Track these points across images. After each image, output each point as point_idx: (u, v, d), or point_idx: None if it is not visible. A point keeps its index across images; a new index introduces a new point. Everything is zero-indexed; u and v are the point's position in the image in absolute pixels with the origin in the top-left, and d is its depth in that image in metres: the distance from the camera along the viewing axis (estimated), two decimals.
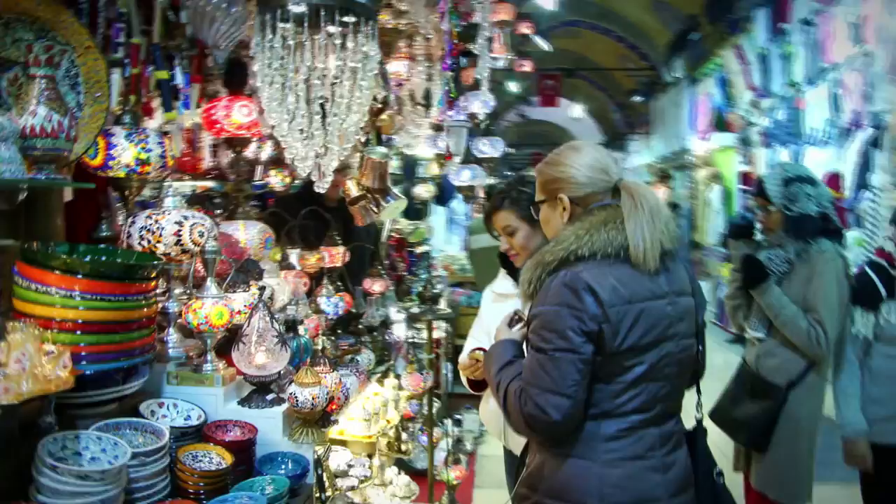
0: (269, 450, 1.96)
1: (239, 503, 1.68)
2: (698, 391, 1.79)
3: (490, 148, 2.91)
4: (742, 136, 9.42)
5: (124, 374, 1.79)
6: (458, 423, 4.00)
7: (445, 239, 8.48)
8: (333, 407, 2.17)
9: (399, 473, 3.04)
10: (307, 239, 2.84)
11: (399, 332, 3.18)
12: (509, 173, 10.77)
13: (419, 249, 4.63)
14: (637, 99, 13.02)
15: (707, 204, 10.42)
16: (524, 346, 1.70)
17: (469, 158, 2.99)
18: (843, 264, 2.53)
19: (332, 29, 1.87)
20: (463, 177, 2.86)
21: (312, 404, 1.96)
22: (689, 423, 1.76)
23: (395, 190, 2.66)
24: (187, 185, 2.82)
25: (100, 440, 1.61)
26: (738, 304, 2.68)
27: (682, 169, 11.65)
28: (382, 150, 2.46)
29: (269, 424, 1.98)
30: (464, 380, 2.29)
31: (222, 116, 2.59)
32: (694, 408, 1.79)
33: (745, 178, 9.64)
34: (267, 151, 3.04)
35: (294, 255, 2.81)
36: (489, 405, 2.37)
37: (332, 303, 2.72)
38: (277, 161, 3.04)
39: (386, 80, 2.53)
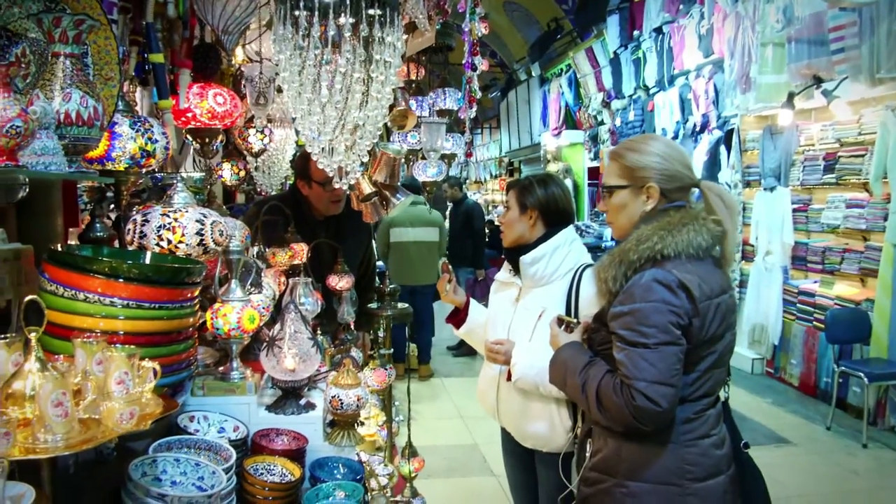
0: (311, 456, 1.87)
1: None
2: (728, 373, 1.93)
3: (452, 144, 2.93)
4: (591, 133, 10.13)
5: (171, 392, 1.63)
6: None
7: None
8: None
9: None
10: (276, 237, 2.70)
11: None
12: None
13: None
14: (491, 95, 13.51)
15: None
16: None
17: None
18: None
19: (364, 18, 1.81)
20: (429, 172, 2.86)
21: (357, 406, 1.90)
22: None
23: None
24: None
25: (178, 462, 1.46)
26: None
27: (532, 163, 12.28)
28: (396, 146, 2.40)
29: (308, 430, 1.89)
30: None
31: (195, 105, 2.40)
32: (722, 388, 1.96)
33: (593, 172, 10.41)
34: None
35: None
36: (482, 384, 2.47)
37: (311, 301, 2.62)
38: (230, 153, 2.86)
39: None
